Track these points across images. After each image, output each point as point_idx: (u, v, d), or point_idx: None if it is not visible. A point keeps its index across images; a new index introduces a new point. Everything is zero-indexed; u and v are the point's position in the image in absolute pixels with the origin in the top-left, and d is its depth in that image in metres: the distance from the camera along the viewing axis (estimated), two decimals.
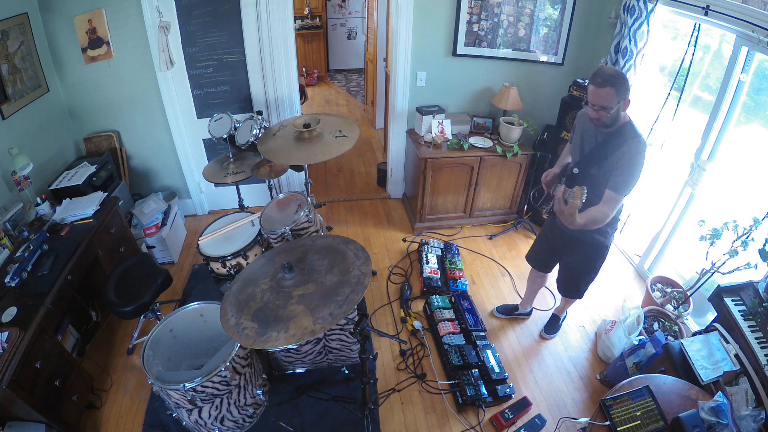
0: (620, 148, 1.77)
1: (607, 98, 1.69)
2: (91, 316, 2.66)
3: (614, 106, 1.71)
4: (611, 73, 1.70)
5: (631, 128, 1.78)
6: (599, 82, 1.70)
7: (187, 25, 3.02)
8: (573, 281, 2.38)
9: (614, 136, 1.81)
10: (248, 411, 2.10)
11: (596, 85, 1.71)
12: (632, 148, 1.73)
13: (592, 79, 1.73)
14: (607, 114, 1.73)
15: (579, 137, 2.01)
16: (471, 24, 3.26)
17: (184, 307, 2.10)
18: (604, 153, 1.83)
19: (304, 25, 6.95)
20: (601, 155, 1.85)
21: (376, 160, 4.83)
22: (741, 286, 2.09)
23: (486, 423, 2.26)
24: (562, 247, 2.29)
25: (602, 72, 1.71)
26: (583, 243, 2.13)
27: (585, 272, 2.28)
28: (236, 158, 2.91)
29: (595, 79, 1.71)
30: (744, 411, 1.75)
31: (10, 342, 1.75)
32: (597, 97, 1.72)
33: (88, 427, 2.19)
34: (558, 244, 2.31)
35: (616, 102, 1.70)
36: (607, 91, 1.68)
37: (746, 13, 2.11)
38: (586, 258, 2.20)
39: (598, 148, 1.87)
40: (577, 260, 2.25)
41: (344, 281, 1.60)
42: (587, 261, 2.21)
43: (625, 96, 1.72)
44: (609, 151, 1.81)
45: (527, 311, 2.89)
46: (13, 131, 2.55)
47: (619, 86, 1.68)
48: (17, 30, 2.56)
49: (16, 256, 2.11)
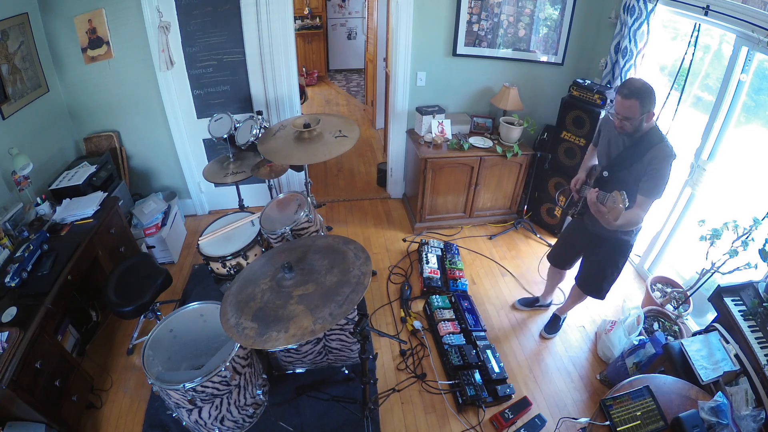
0: (648, 152, 1.83)
1: (631, 109, 1.77)
2: (91, 316, 2.66)
3: (637, 117, 1.78)
4: (638, 86, 1.76)
5: (656, 133, 1.85)
6: (626, 94, 1.76)
7: (187, 25, 3.02)
8: (596, 279, 2.37)
9: (641, 141, 1.87)
10: (248, 411, 2.10)
11: (623, 96, 1.78)
12: (660, 153, 1.80)
13: (620, 90, 1.80)
14: (630, 124, 1.81)
15: (606, 141, 2.07)
16: (471, 24, 3.26)
17: (184, 307, 2.11)
18: (632, 157, 1.89)
19: (304, 25, 6.95)
20: (629, 160, 1.91)
21: (376, 160, 4.83)
22: (741, 286, 2.09)
23: (486, 423, 2.26)
24: (586, 246, 2.36)
25: (630, 83, 1.78)
26: (608, 241, 2.19)
27: (609, 270, 2.30)
28: (236, 158, 2.91)
29: (623, 90, 1.78)
30: (744, 411, 1.75)
31: (10, 342, 1.75)
32: (622, 107, 1.79)
33: (88, 427, 2.19)
34: (581, 244, 2.39)
35: (639, 113, 1.77)
36: (632, 102, 1.75)
37: (746, 13, 2.11)
38: (611, 256, 2.25)
39: (625, 153, 1.94)
40: (602, 258, 2.29)
41: (344, 281, 1.60)
42: (612, 259, 2.26)
43: (649, 109, 1.78)
44: (637, 156, 1.87)
45: (547, 303, 2.98)
46: (13, 131, 2.55)
47: (644, 99, 1.75)
48: (17, 30, 2.56)
49: (16, 256, 2.11)
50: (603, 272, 2.31)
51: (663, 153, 1.79)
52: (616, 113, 1.84)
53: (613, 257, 2.24)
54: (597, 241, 2.24)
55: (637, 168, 1.87)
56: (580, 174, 2.27)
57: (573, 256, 2.53)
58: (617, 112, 1.83)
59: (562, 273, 2.72)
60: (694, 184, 2.64)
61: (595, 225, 2.13)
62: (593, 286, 2.41)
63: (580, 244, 2.40)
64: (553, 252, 2.68)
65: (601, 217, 1.84)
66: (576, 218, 2.32)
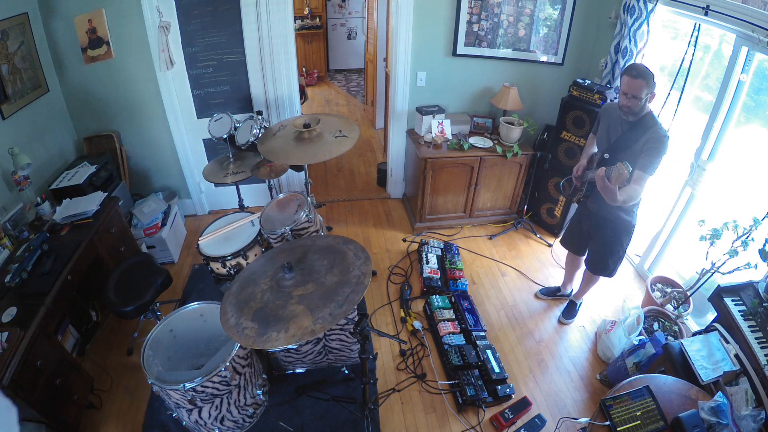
0: (644, 134, 2.03)
1: (639, 89, 1.95)
2: (91, 316, 2.66)
3: (644, 96, 1.97)
4: (643, 69, 1.96)
5: (651, 117, 2.06)
6: (634, 74, 1.95)
7: (187, 25, 3.02)
8: (603, 258, 2.51)
9: (638, 124, 2.07)
10: (248, 411, 2.10)
11: (631, 76, 1.96)
12: (655, 134, 2.00)
13: (627, 71, 1.98)
14: (638, 103, 1.99)
15: (605, 129, 2.26)
16: (471, 24, 3.26)
17: (184, 307, 2.10)
18: (631, 139, 2.09)
19: (304, 25, 6.95)
20: (627, 142, 2.10)
21: (376, 160, 4.82)
22: (741, 286, 2.09)
23: (486, 423, 2.26)
24: (593, 229, 2.50)
25: (636, 66, 1.98)
26: (611, 221, 2.35)
27: (615, 248, 2.44)
28: (236, 158, 2.91)
29: (630, 71, 1.97)
30: (744, 411, 1.75)
31: (10, 342, 1.75)
32: (630, 87, 1.97)
33: (88, 427, 2.19)
34: (588, 227, 2.52)
35: (645, 93, 1.97)
36: (640, 82, 1.94)
37: (746, 13, 2.11)
38: (615, 235, 2.39)
39: (624, 136, 2.13)
40: (606, 238, 2.43)
41: (344, 281, 1.60)
42: (615, 237, 2.40)
43: (652, 90, 1.98)
44: (634, 138, 2.07)
45: (568, 293, 3.05)
46: (13, 131, 2.55)
47: (649, 80, 1.95)
48: (17, 30, 2.56)
49: (17, 256, 2.11)
50: (610, 250, 2.45)
51: (658, 134, 1.99)
52: (624, 93, 2.00)
53: (618, 236, 2.38)
54: (602, 223, 2.40)
55: (635, 149, 2.05)
56: (581, 161, 2.42)
57: (584, 240, 2.63)
58: (625, 91, 1.99)
59: (579, 260, 2.79)
60: (694, 184, 2.64)
61: (599, 206, 2.33)
62: (601, 265, 2.53)
63: (587, 227, 2.53)
64: (564, 236, 2.82)
65: (607, 193, 1.99)
66: (581, 203, 2.48)
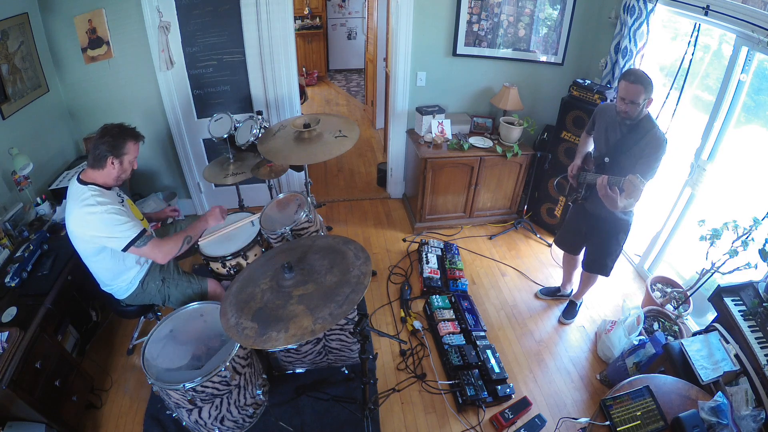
0: (643, 138, 2.04)
1: (637, 94, 1.95)
2: (91, 316, 2.66)
3: (641, 101, 1.97)
4: (641, 74, 1.97)
5: (649, 120, 2.06)
6: (632, 80, 1.95)
7: (187, 25, 3.02)
8: (600, 256, 2.52)
9: (636, 127, 2.08)
10: (248, 411, 2.10)
11: (629, 81, 1.96)
12: (653, 139, 2.00)
13: (625, 77, 1.98)
14: (636, 108, 1.99)
15: (602, 130, 2.25)
16: (471, 24, 3.26)
17: (184, 307, 2.10)
18: (630, 142, 2.10)
19: (304, 25, 6.94)
20: (627, 145, 2.12)
21: (376, 160, 4.82)
22: (741, 286, 2.09)
23: (486, 423, 2.26)
24: (589, 229, 2.51)
25: (634, 71, 1.99)
26: (609, 221, 2.35)
27: (612, 248, 2.45)
28: (236, 159, 2.91)
29: (629, 76, 1.97)
30: (744, 411, 1.75)
31: (10, 342, 1.75)
32: (629, 92, 1.97)
33: (88, 427, 2.18)
34: (585, 227, 2.53)
35: (643, 98, 1.97)
36: (638, 88, 1.94)
37: (746, 13, 2.11)
38: (613, 234, 2.40)
39: (623, 139, 2.13)
40: (604, 238, 2.44)
41: (344, 281, 1.60)
42: (613, 236, 2.40)
43: (650, 95, 1.99)
44: (633, 140, 2.08)
45: (568, 293, 3.04)
46: (13, 131, 2.54)
47: (647, 86, 1.95)
48: (17, 30, 2.56)
49: (16, 256, 2.11)
50: (606, 249, 2.46)
51: (656, 138, 2.00)
52: (622, 99, 2.00)
53: (615, 235, 2.39)
54: (598, 223, 2.41)
55: (635, 152, 2.06)
56: (576, 160, 2.42)
57: (579, 240, 2.63)
58: (623, 96, 1.99)
59: (575, 259, 2.79)
60: (694, 184, 2.64)
61: (597, 207, 2.32)
62: (598, 263, 2.54)
63: (583, 227, 2.54)
64: (559, 236, 2.82)
65: (609, 201, 2.00)
66: (579, 203, 2.47)
